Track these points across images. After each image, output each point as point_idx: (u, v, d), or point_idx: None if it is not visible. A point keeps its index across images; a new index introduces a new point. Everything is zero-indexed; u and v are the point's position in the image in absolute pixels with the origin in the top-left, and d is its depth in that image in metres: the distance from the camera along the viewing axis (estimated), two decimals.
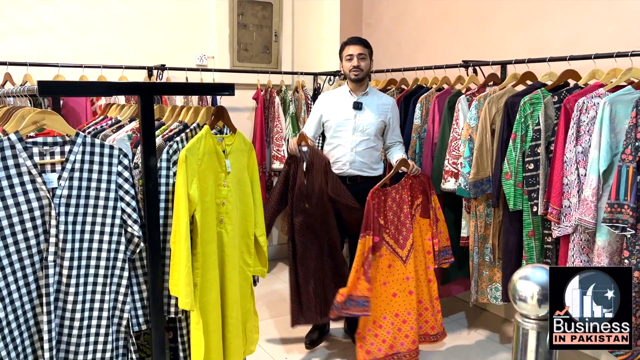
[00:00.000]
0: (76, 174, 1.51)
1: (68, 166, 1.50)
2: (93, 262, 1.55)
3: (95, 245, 1.55)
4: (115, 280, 1.59)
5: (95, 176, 1.54)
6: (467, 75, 3.21)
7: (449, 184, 2.84)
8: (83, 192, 1.52)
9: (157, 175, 1.63)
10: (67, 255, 1.50)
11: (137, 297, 1.66)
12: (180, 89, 2.37)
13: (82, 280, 1.53)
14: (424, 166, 3.03)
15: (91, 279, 1.55)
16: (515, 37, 3.21)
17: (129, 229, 1.59)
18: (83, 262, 1.53)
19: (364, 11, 4.47)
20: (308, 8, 4.43)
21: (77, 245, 1.52)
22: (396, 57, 4.10)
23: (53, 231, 1.47)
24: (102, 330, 1.57)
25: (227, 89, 1.71)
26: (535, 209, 2.46)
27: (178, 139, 1.73)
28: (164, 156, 1.66)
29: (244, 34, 4.16)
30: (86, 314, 1.55)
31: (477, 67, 3.23)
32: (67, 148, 1.51)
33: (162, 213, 1.66)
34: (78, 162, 1.51)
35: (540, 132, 2.44)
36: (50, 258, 1.47)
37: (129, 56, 3.68)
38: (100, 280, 1.56)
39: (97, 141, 1.56)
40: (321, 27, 4.48)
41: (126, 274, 1.59)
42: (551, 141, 2.43)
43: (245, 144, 1.89)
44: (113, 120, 2.06)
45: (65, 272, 1.50)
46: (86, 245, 1.54)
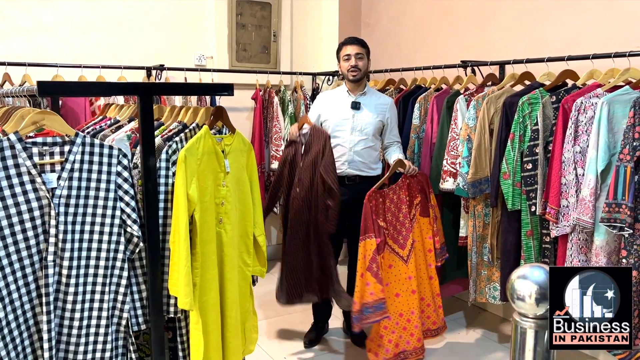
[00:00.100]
0: (76, 174, 1.52)
1: (67, 166, 1.50)
2: (92, 262, 1.55)
3: (94, 245, 1.55)
4: (114, 280, 1.59)
5: (94, 176, 1.54)
6: (466, 75, 3.21)
7: (448, 184, 2.85)
8: (82, 192, 1.53)
9: (157, 175, 1.63)
10: (67, 255, 1.50)
11: (137, 297, 1.66)
12: (179, 89, 2.37)
13: (82, 280, 1.54)
14: (423, 166, 3.04)
15: (91, 279, 1.55)
16: (513, 38, 3.22)
17: (129, 229, 1.59)
18: (82, 262, 1.53)
19: (363, 11, 4.47)
20: (307, 8, 4.43)
21: (77, 245, 1.52)
22: (395, 57, 4.10)
23: (52, 231, 1.47)
24: (102, 330, 1.57)
25: (227, 89, 1.71)
26: (533, 209, 2.47)
27: (177, 139, 1.73)
28: (163, 156, 1.66)
29: (243, 34, 4.16)
30: (86, 314, 1.55)
31: (476, 67, 3.24)
32: (67, 148, 1.51)
33: (162, 213, 1.66)
34: (77, 162, 1.52)
35: (538, 132, 2.45)
36: (49, 258, 1.47)
37: (128, 56, 3.68)
38: (99, 280, 1.56)
39: (97, 141, 1.57)
40: (320, 27, 4.48)
41: (125, 274, 1.60)
42: (549, 141, 2.44)
43: (244, 144, 1.89)
44: (112, 120, 2.06)
45: (64, 272, 1.50)
46: (85, 245, 1.54)
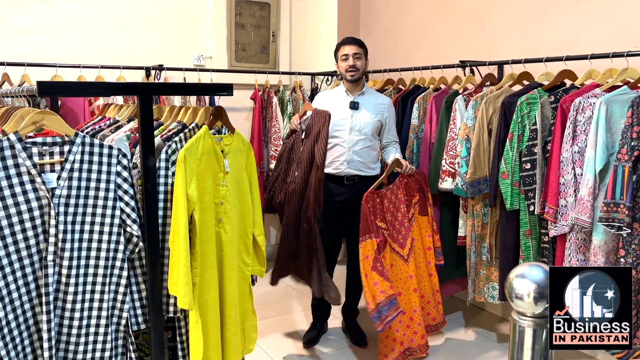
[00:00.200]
0: (75, 174, 1.52)
1: (67, 166, 1.50)
2: (92, 262, 1.55)
3: (94, 244, 1.55)
4: (114, 279, 1.59)
5: (94, 176, 1.55)
6: (464, 75, 3.22)
7: (447, 184, 2.85)
8: (82, 192, 1.53)
9: (156, 175, 1.63)
10: (67, 254, 1.50)
11: (136, 297, 1.66)
12: (179, 89, 2.38)
13: (82, 279, 1.54)
14: (422, 166, 3.04)
15: (90, 279, 1.55)
16: (512, 38, 3.23)
17: (128, 229, 1.59)
18: (82, 262, 1.54)
19: (362, 11, 4.47)
20: (305, 8, 4.43)
21: (77, 244, 1.52)
22: (393, 57, 4.11)
23: (52, 231, 1.47)
24: (102, 329, 1.58)
25: (226, 89, 1.71)
26: (532, 209, 2.48)
27: (177, 139, 1.74)
28: (163, 156, 1.66)
29: (242, 34, 4.17)
30: (85, 314, 1.55)
31: (474, 67, 3.24)
32: (67, 148, 1.51)
33: (161, 213, 1.66)
34: (77, 162, 1.52)
35: (537, 132, 2.46)
36: (49, 258, 1.47)
37: (127, 56, 3.68)
38: (99, 279, 1.57)
39: (96, 141, 1.57)
40: (319, 28, 4.48)
41: (125, 274, 1.60)
42: (548, 141, 2.45)
43: (243, 144, 1.90)
44: (111, 120, 2.07)
45: (64, 272, 1.50)
46: (85, 244, 1.54)
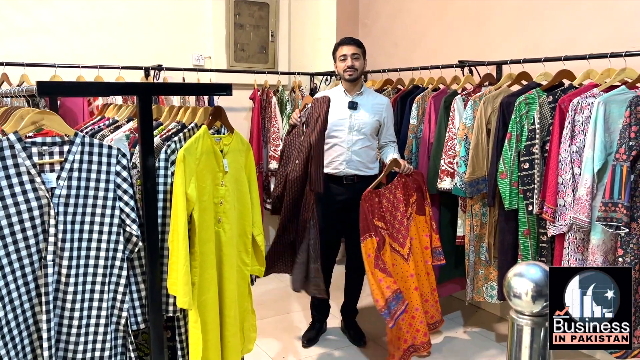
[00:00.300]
0: (75, 174, 1.52)
1: (67, 166, 1.50)
2: (92, 262, 1.56)
3: (94, 244, 1.56)
4: (113, 279, 1.59)
5: (93, 176, 1.55)
6: (463, 75, 3.22)
7: (445, 184, 2.86)
8: (82, 192, 1.53)
9: (155, 175, 1.64)
10: (66, 254, 1.50)
11: (136, 296, 1.66)
12: (178, 89, 2.38)
13: (81, 279, 1.54)
14: (421, 166, 3.05)
15: (90, 278, 1.56)
16: (510, 38, 3.23)
17: (128, 228, 1.60)
18: (82, 262, 1.54)
19: (360, 11, 4.48)
20: (304, 8, 4.44)
21: (76, 244, 1.53)
22: (392, 57, 4.11)
23: (52, 231, 1.47)
24: (101, 329, 1.58)
25: (225, 89, 1.71)
26: (530, 208, 2.48)
27: (176, 139, 1.74)
28: (162, 156, 1.67)
29: (241, 34, 4.17)
30: (85, 313, 1.56)
31: (473, 67, 3.25)
32: (66, 148, 1.51)
33: (161, 212, 1.66)
34: (77, 162, 1.52)
35: (535, 132, 2.46)
36: (49, 257, 1.48)
37: (126, 56, 3.68)
38: (99, 279, 1.57)
39: (96, 141, 1.57)
40: (318, 28, 4.48)
41: (125, 273, 1.60)
42: (546, 141, 2.45)
43: (242, 144, 1.90)
44: (110, 120, 2.07)
45: (64, 272, 1.51)
46: (85, 244, 1.54)
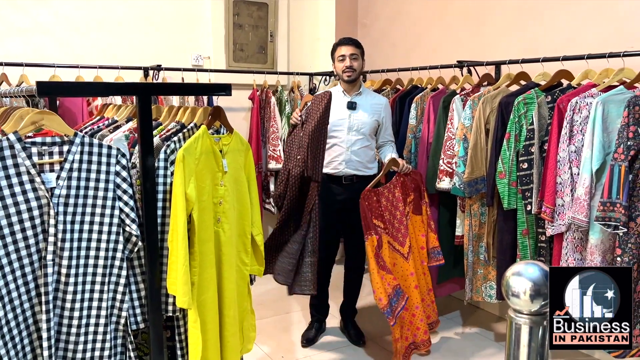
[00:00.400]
0: (74, 174, 1.52)
1: (66, 166, 1.51)
2: (91, 261, 1.56)
3: (93, 244, 1.56)
4: (113, 279, 1.60)
5: (93, 176, 1.55)
6: (462, 75, 3.23)
7: (444, 183, 2.86)
8: (81, 192, 1.53)
9: (155, 174, 1.64)
10: (66, 254, 1.51)
11: (135, 296, 1.66)
12: (178, 89, 2.38)
13: (81, 279, 1.54)
14: (420, 166, 3.05)
15: (89, 278, 1.56)
16: (509, 38, 3.24)
17: (127, 228, 1.60)
18: (81, 261, 1.54)
19: (359, 11, 4.48)
20: (303, 8, 4.44)
21: (76, 244, 1.53)
22: (391, 58, 4.12)
23: (52, 230, 1.47)
24: (101, 328, 1.58)
25: (224, 89, 1.72)
26: (529, 208, 2.49)
27: (175, 139, 1.74)
28: (162, 156, 1.67)
29: (240, 34, 4.17)
30: (85, 313, 1.56)
31: (472, 68, 3.25)
32: (66, 148, 1.52)
33: (160, 212, 1.67)
34: (76, 162, 1.52)
35: (534, 132, 2.47)
36: (48, 257, 1.48)
37: (125, 57, 3.68)
38: (98, 279, 1.57)
39: (96, 141, 1.57)
40: (317, 28, 4.49)
41: (124, 273, 1.60)
42: (545, 140, 2.46)
43: (242, 144, 1.90)
44: (110, 120, 2.07)
45: (63, 271, 1.51)
46: (84, 244, 1.55)
